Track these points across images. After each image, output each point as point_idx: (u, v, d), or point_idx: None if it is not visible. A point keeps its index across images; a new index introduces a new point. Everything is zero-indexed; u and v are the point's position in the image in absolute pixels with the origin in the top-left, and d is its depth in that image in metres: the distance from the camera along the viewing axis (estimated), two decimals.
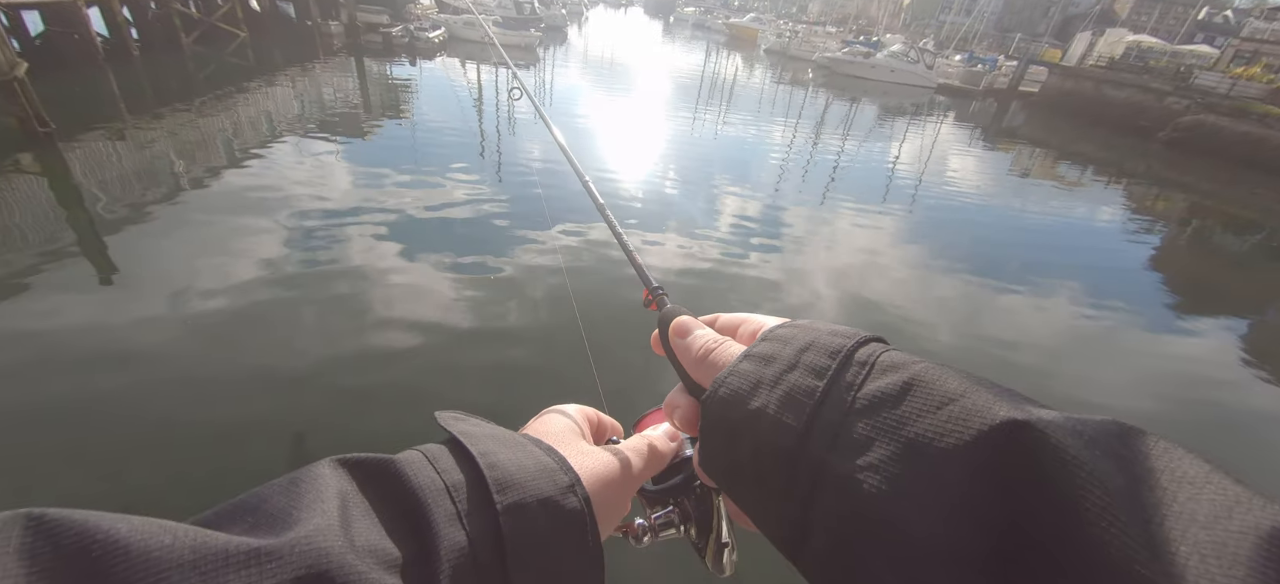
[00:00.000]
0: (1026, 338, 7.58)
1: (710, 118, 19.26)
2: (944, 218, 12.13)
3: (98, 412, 4.64)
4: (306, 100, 14.75)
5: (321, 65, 19.25)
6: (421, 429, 0.65)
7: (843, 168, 15.01)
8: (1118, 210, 14.96)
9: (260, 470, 4.32)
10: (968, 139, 21.92)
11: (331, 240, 7.63)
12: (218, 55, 17.88)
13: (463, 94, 17.77)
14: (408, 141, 12.44)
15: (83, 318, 5.65)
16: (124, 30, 15.60)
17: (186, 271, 6.55)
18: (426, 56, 23.33)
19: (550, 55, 29.33)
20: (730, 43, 52.47)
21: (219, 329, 5.72)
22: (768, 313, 0.56)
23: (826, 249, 9.56)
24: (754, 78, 32.04)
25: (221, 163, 9.84)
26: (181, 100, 12.95)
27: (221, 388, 5.02)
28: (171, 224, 7.64)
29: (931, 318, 7.73)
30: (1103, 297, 9.20)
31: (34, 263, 6.38)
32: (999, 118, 28.97)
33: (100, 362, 5.13)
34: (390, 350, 5.72)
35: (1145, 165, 21.22)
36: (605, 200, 0.87)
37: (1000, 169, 17.64)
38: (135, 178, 8.92)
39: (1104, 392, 6.57)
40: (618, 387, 5.64)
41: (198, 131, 11.22)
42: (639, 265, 0.69)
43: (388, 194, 9.33)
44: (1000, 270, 9.57)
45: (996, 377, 0.36)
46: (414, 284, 6.88)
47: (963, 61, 38.70)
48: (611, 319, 6.78)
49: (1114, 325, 8.39)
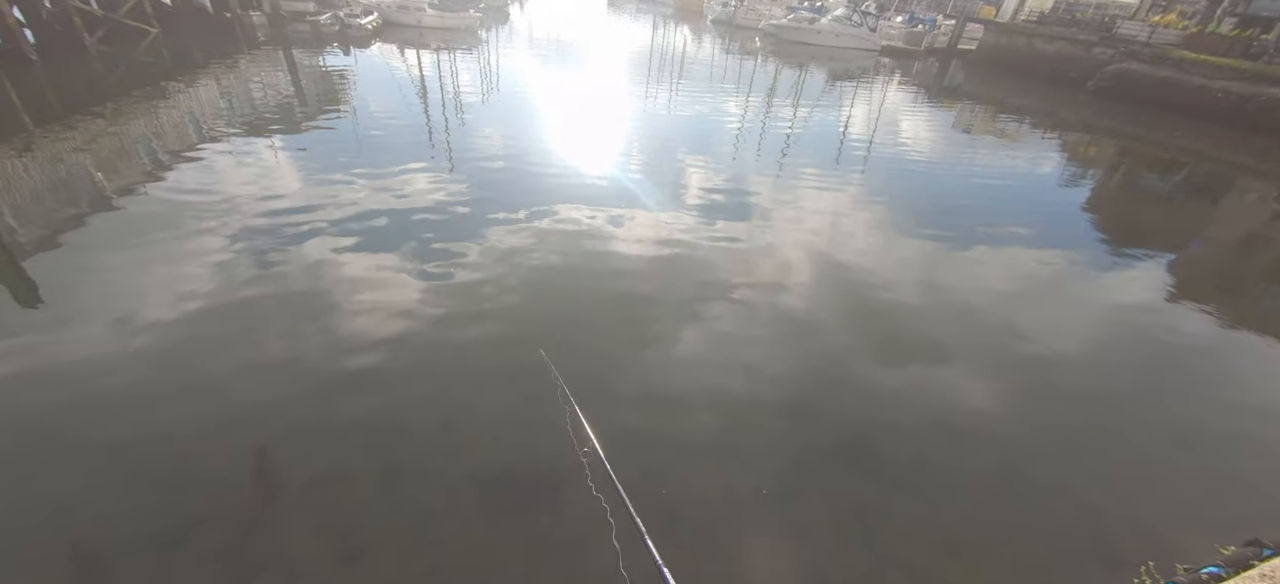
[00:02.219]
0: (985, 289, 7.95)
1: (663, 93, 19.11)
2: (896, 178, 12.49)
3: (34, 440, 4.30)
4: (234, 98, 13.80)
5: (247, 59, 18.00)
6: (388, 437, 0.60)
7: (796, 135, 15.22)
8: (1055, 159, 15.77)
9: (219, 486, 4.12)
10: (913, 99, 22.56)
11: (277, 243, 7.23)
12: (128, 55, 16.47)
13: (404, 82, 16.99)
14: (350, 134, 11.84)
15: (5, 346, 5.18)
16: (16, 32, 14.10)
17: (121, 289, 6.10)
18: (361, 45, 22.14)
19: (493, 37, 28.35)
20: (677, 15, 51.91)
21: (164, 345, 5.36)
22: (741, 281, 0.54)
23: (789, 216, 9.71)
24: (703, 49, 31.89)
25: (148, 171, 9.13)
26: (93, 106, 11.89)
27: (172, 405, 4.72)
28: (98, 241, 7.07)
29: (895, 277, 7.99)
30: (1048, 242, 9.74)
31: None
32: (940, 76, 29.88)
33: (29, 391, 4.73)
34: (359, 353, 5.50)
35: (1076, 115, 22.38)
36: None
37: (945, 126, 18.26)
38: (50, 193, 8.18)
39: (1061, 337, 6.98)
40: (583, 370, 5.62)
41: (116, 139, 10.35)
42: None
43: (333, 190, 8.90)
44: (954, 226, 9.96)
45: (962, 330, 0.35)
46: (369, 281, 6.61)
47: (904, 23, 39.58)
48: (575, 302, 6.72)
49: (1060, 269, 8.90)
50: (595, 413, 5.06)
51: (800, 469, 4.72)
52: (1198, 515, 4.68)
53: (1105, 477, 4.98)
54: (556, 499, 4.20)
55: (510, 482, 4.33)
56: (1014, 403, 5.76)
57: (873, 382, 5.84)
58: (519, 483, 4.32)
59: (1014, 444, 5.23)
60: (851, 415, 5.35)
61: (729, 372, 5.72)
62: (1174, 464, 5.24)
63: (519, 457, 4.55)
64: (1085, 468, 5.05)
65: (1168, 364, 6.81)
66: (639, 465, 4.55)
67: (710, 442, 4.88)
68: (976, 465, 4.96)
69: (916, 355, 6.32)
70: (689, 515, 4.21)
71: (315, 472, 4.27)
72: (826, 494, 4.52)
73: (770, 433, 5.05)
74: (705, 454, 4.75)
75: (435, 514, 4.04)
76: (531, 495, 4.24)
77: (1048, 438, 5.37)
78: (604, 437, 3.61)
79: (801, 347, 6.28)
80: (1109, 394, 6.10)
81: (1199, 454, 5.37)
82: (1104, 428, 5.59)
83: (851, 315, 6.96)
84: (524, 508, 4.15)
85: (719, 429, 5.01)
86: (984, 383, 5.99)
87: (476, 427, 4.81)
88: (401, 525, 3.94)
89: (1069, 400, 5.92)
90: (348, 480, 4.23)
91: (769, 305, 6.96)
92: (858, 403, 5.52)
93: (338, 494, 4.12)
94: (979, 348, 6.60)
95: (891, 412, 5.43)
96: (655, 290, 7.04)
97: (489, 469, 4.41)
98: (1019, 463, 5.02)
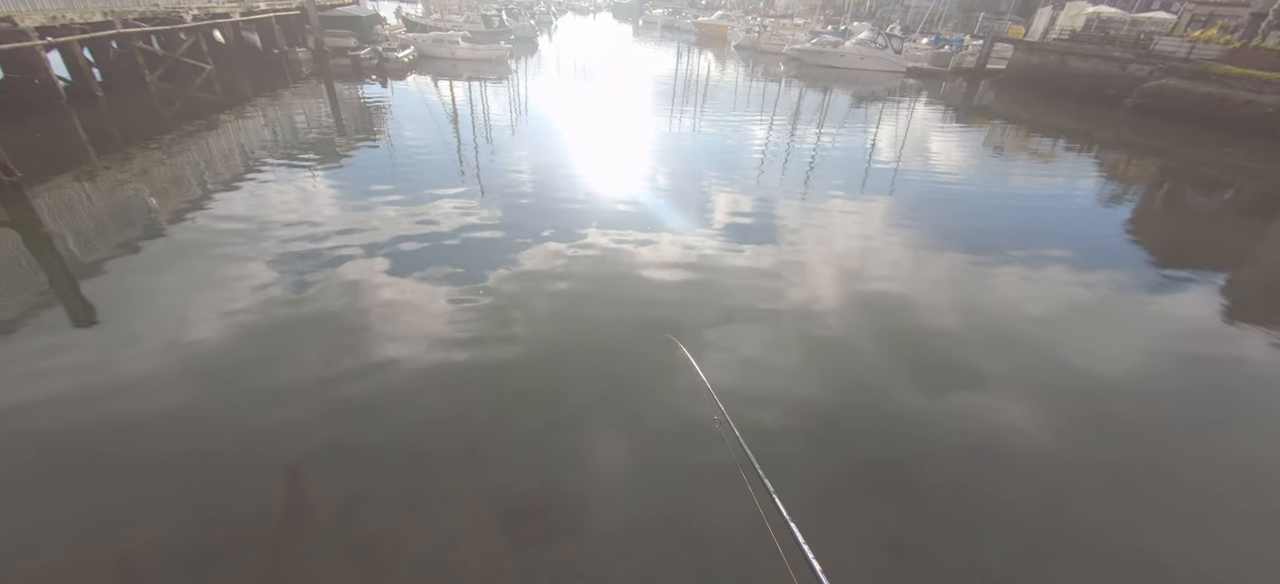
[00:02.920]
0: (1024, 312, 7.67)
1: (687, 117, 19.33)
2: (927, 199, 12.28)
3: (87, 454, 4.50)
4: (279, 128, 14.52)
5: (292, 92, 18.98)
6: (415, 459, 0.59)
7: (821, 157, 15.15)
8: (1092, 178, 15.28)
9: (254, 505, 4.21)
10: (941, 119, 22.26)
11: (315, 267, 7.50)
12: (184, 91, 17.54)
13: (437, 111, 17.62)
14: (385, 162, 12.30)
15: (62, 365, 5.47)
16: (86, 72, 15.22)
17: (170, 310, 6.40)
18: (397, 77, 23.11)
19: (522, 66, 29.24)
20: (701, 41, 52.75)
21: (207, 365, 5.58)
22: (768, 305, 0.54)
23: (816, 238, 9.61)
24: (727, 74, 32.22)
25: (197, 198, 9.63)
26: (151, 138, 12.68)
27: (213, 424, 4.89)
28: (150, 264, 7.46)
29: (929, 300, 7.80)
30: (1090, 264, 9.37)
31: (9, 312, 6.18)
32: (969, 96, 29.47)
33: (83, 409, 4.97)
34: (389, 375, 5.62)
35: (1114, 132, 21.71)
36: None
37: (975, 146, 17.93)
38: (110, 220, 8.70)
39: (1107, 361, 6.67)
40: (608, 395, 5.62)
41: (170, 169, 10.98)
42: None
43: (369, 216, 9.21)
44: (988, 247, 9.70)
45: (1001, 355, 0.34)
46: (403, 304, 6.78)
47: (930, 44, 39.33)
48: (602, 326, 6.75)
49: (1104, 292, 8.53)
50: (620, 439, 5.06)
51: (830, 499, 4.58)
52: (1263, 562, 4.35)
53: (1159, 516, 4.68)
54: (579, 527, 4.17)
55: (534, 507, 4.32)
56: (1058, 433, 5.49)
57: (907, 408, 5.65)
58: (542, 510, 4.31)
59: (1059, 478, 4.98)
60: (884, 443, 5.18)
61: (756, 396, 5.64)
62: (1236, 505, 4.89)
63: (542, 483, 4.54)
64: (1137, 506, 4.76)
65: (1227, 394, 6.42)
66: (664, 491, 4.50)
67: (738, 472, 4.79)
68: (1018, 499, 4.73)
69: (953, 381, 6.11)
70: (714, 542, 4.12)
71: (345, 491, 4.35)
72: (858, 525, 4.37)
73: (799, 460, 4.93)
74: (733, 486, 4.65)
75: (459, 538, 4.05)
76: (555, 523, 4.21)
77: (1096, 472, 5.09)
78: (630, 463, 3.58)
79: (831, 371, 6.15)
80: (1162, 425, 5.77)
81: (1264, 494, 5.01)
82: (1157, 463, 5.28)
83: (883, 338, 6.79)
84: (547, 535, 4.12)
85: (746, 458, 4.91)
86: (1026, 411, 5.74)
87: (501, 451, 4.83)
88: (427, 549, 3.96)
89: (1118, 432, 5.61)
90: (375, 501, 4.29)
91: (797, 328, 6.86)
92: (891, 430, 5.35)
93: (366, 515, 4.18)
94: (1019, 374, 6.34)
95: (927, 440, 5.25)
96: (682, 314, 7.02)
97: (511, 493, 4.42)
98: (1065, 498, 4.77)
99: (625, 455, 4.85)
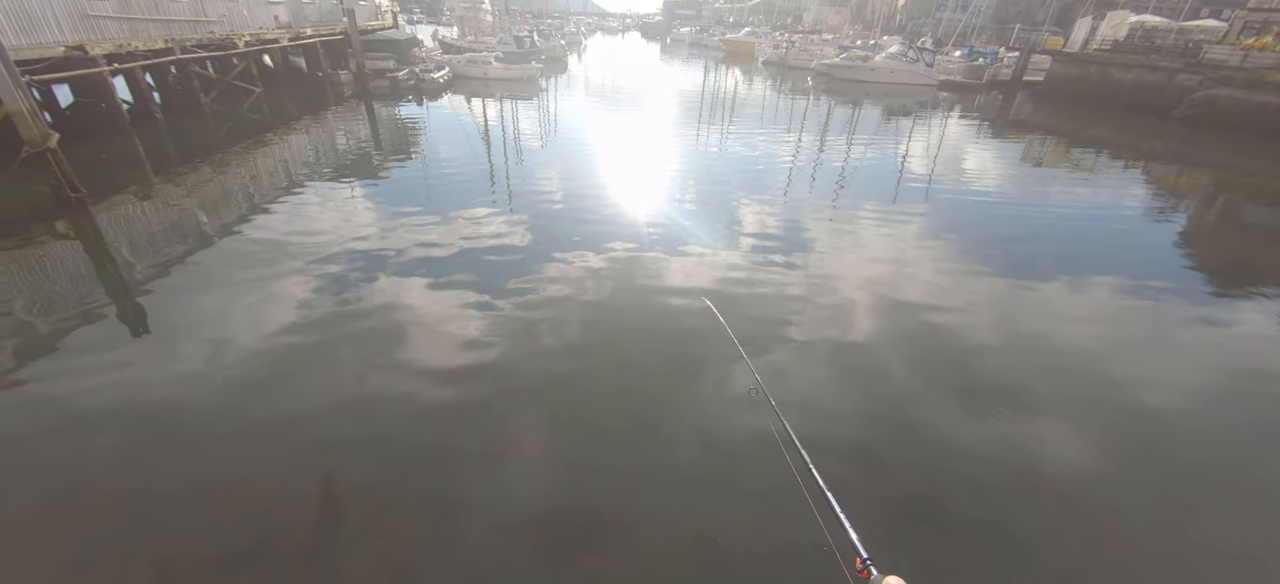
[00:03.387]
0: (1070, 332, 7.31)
1: (715, 132, 19.37)
2: (962, 214, 11.94)
3: (130, 463, 4.69)
4: (321, 147, 15.14)
5: (334, 112, 19.81)
6: (444, 470, 0.57)
7: (851, 172, 14.93)
8: (1141, 192, 14.63)
9: (289, 511, 4.31)
10: (975, 132, 21.71)
11: (351, 280, 7.73)
12: (235, 112, 18.49)
13: (470, 129, 18.12)
14: (420, 178, 12.67)
15: (115, 373, 5.75)
16: (147, 95, 16.22)
17: (215, 322, 6.68)
18: (433, 96, 23.89)
19: (552, 85, 29.86)
20: (728, 58, 53.03)
21: (247, 377, 5.78)
22: (797, 321, 0.52)
23: (846, 254, 9.44)
24: (754, 90, 32.24)
25: (243, 214, 10.09)
26: (203, 157, 13.39)
27: (252, 431, 5.05)
28: (198, 277, 7.82)
29: (968, 318, 7.53)
30: (1140, 283, 8.92)
31: (68, 323, 6.56)
32: (1006, 109, 28.70)
33: (131, 415, 5.20)
34: (421, 387, 5.72)
35: (1162, 144, 20.79)
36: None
37: (1013, 160, 17.40)
38: (163, 234, 9.18)
39: (1162, 388, 6.29)
40: (657, 395, 5.58)
41: (219, 185, 11.55)
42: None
43: (404, 230, 9.47)
44: (1030, 263, 9.35)
45: (1047, 377, 0.31)
46: (434, 317, 6.91)
47: (963, 57, 38.59)
48: (630, 340, 6.74)
49: (1156, 313, 8.08)
50: (650, 454, 5.01)
51: (863, 525, 4.41)
52: None
53: (1226, 558, 4.35)
54: (606, 543, 4.13)
55: (562, 522, 4.30)
56: (1112, 462, 5.19)
57: (945, 431, 5.42)
58: (571, 524, 4.28)
59: (1113, 510, 4.68)
60: (921, 468, 4.98)
61: (786, 416, 5.50)
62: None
63: (570, 497, 4.52)
64: (1200, 546, 4.43)
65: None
66: (692, 514, 4.43)
67: (765, 494, 4.68)
68: (1066, 532, 4.46)
69: (995, 404, 5.85)
70: (741, 571, 4.02)
71: (377, 501, 4.41)
72: (893, 554, 4.20)
73: (832, 487, 4.76)
74: (759, 507, 4.55)
75: (487, 551, 4.06)
76: (584, 538, 4.18)
77: (1154, 506, 4.77)
78: (660, 481, 3.54)
79: (864, 390, 5.97)
80: (1229, 457, 5.38)
81: None
82: (1224, 497, 4.91)
83: (918, 358, 6.57)
84: (575, 551, 4.09)
85: (774, 481, 4.80)
86: (1075, 437, 5.45)
87: (529, 463, 4.84)
88: (454, 563, 3.98)
89: (1179, 463, 5.27)
90: (405, 511, 4.34)
91: (828, 346, 6.71)
92: (928, 454, 5.13)
93: (395, 525, 4.23)
94: (1067, 397, 6.03)
95: (967, 466, 5.02)
96: (710, 328, 6.96)
97: (539, 507, 4.41)
98: (1119, 533, 4.48)
99: (657, 470, 4.80)
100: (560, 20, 64.25)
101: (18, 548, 3.98)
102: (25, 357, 5.95)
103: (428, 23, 63.65)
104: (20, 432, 4.99)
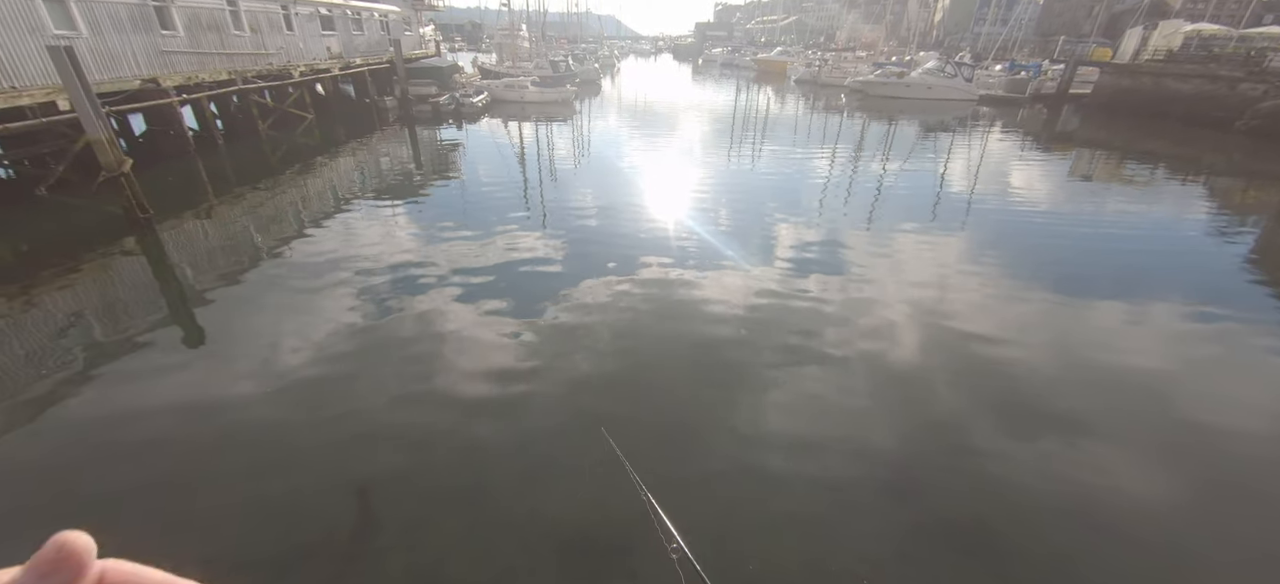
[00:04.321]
0: (1133, 356, 6.89)
1: (747, 151, 19.35)
2: (1007, 231, 11.52)
3: (185, 467, 4.94)
4: (366, 169, 15.85)
5: (379, 136, 20.75)
6: (476, 485, 0.57)
7: (887, 189, 14.63)
8: (1203, 207, 13.80)
9: (327, 520, 4.43)
10: (1019, 148, 20.98)
11: (391, 297, 8.00)
12: (289, 137, 19.59)
13: (506, 150, 18.65)
14: (458, 198, 13.09)
15: (174, 381, 6.09)
16: (211, 123, 17.40)
17: (267, 334, 7.01)
18: (471, 120, 24.75)
19: (586, 107, 30.51)
20: (760, 78, 53.12)
21: (293, 386, 6.02)
22: (835, 342, 0.51)
23: (884, 272, 9.21)
24: (786, 109, 32.12)
25: (295, 232, 10.63)
26: (258, 180, 14.20)
27: (294, 441, 5.24)
28: (253, 292, 8.24)
29: (1018, 340, 7.17)
30: (1207, 303, 8.36)
31: (134, 333, 7.01)
32: (1051, 123, 27.66)
33: (187, 421, 5.49)
34: (456, 402, 5.84)
35: (1226, 157, 19.62)
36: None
37: (1060, 175, 16.71)
38: (221, 252, 9.75)
39: (1239, 414, 5.85)
40: (667, 432, 5.54)
41: (273, 207, 12.21)
42: None
43: (443, 249, 9.77)
44: (1084, 283, 8.90)
45: (1107, 403, 0.30)
46: (468, 334, 7.06)
47: (1004, 71, 37.57)
48: (664, 358, 6.72)
49: (1226, 335, 7.55)
50: (681, 477, 4.95)
51: (906, 555, 4.24)
52: None
53: None
54: (630, 565, 4.08)
55: (587, 547, 4.27)
56: (1185, 497, 4.80)
57: (995, 460, 5.14)
58: (595, 549, 4.24)
59: (1189, 552, 4.32)
60: (969, 499, 4.73)
61: (825, 443, 5.34)
62: None
63: (599, 519, 4.50)
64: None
65: None
66: (728, 552, 4.34)
67: (803, 522, 4.54)
68: (1133, 574, 4.16)
69: (1049, 431, 5.53)
70: None
71: (409, 513, 4.49)
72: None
73: (870, 511, 4.59)
74: (798, 536, 4.41)
75: (514, 571, 4.07)
76: (606, 565, 4.13)
77: (1234, 548, 4.38)
78: (688, 510, 3.49)
79: (908, 416, 5.74)
80: None
81: None
82: None
83: (963, 381, 6.30)
84: (601, 573, 4.06)
85: (813, 508, 4.66)
86: (1141, 469, 5.08)
87: (558, 483, 4.84)
88: (483, 578, 4.00)
89: (1262, 501, 4.84)
90: (435, 527, 4.39)
91: (869, 368, 6.51)
92: (977, 484, 4.88)
93: (426, 540, 4.28)
94: (1130, 426, 5.65)
95: (1020, 497, 4.74)
96: (745, 349, 6.88)
97: (567, 527, 4.40)
98: (1197, 578, 4.15)
99: (688, 497, 4.74)
100: (594, 45, 65.86)
101: None
102: (93, 364, 6.37)
103: (468, 50, 66.21)
104: (80, 433, 5.33)
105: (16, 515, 4.44)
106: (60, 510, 4.50)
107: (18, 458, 5.06)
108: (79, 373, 6.19)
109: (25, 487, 4.76)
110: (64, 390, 5.90)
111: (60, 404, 5.70)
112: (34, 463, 5.00)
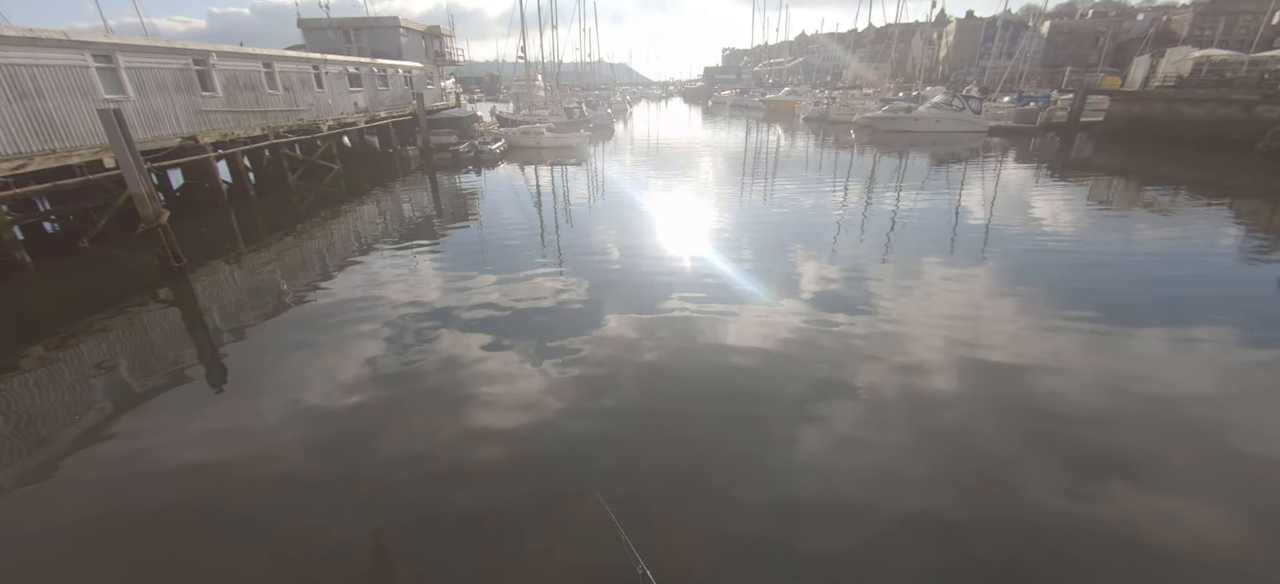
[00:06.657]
0: (1180, 386, 6.59)
1: (758, 188, 19.57)
2: (1029, 260, 11.36)
3: (199, 514, 4.96)
4: (388, 215, 16.34)
5: (401, 184, 21.46)
6: (492, 531, 0.57)
7: (901, 221, 14.61)
8: (1232, 231, 13.51)
9: (343, 563, 4.39)
10: (1034, 177, 20.92)
11: (411, 341, 8.11)
12: (317, 186, 20.35)
13: (523, 194, 19.12)
14: (477, 242, 13.38)
15: (198, 427, 6.18)
16: (244, 175, 18.19)
17: (289, 378, 7.13)
18: (490, 166, 25.51)
19: (599, 151, 31.29)
20: (769, 117, 54.12)
21: (316, 430, 6.08)
22: (860, 378, 0.52)
23: (906, 306, 9.09)
24: (796, 146, 32.57)
25: (320, 277, 10.92)
26: (287, 229, 14.70)
27: (313, 484, 5.25)
28: (278, 337, 8.44)
29: (1056, 372, 6.91)
30: (1253, 328, 8.07)
31: (161, 379, 7.19)
32: (1064, 151, 27.60)
33: (211, 465, 5.54)
34: (465, 445, 5.83)
35: (1248, 179, 19.31)
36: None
37: (1079, 202, 16.57)
38: (248, 299, 10.03)
39: None
40: (691, 472, 5.44)
41: (299, 254, 12.60)
42: None
43: (462, 293, 9.93)
44: (1117, 310, 8.67)
45: (1157, 438, 0.30)
46: (487, 376, 7.10)
47: (1012, 102, 37.83)
48: (687, 398, 6.67)
49: (1277, 363, 7.25)
50: (705, 517, 4.83)
51: None
52: None
53: None
54: None
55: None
56: (1254, 540, 4.50)
57: (1038, 500, 4.88)
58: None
59: None
60: (1009, 543, 4.49)
61: (855, 483, 5.14)
62: None
63: (615, 564, 4.38)
64: None
65: None
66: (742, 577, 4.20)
67: (834, 567, 4.38)
68: None
69: (1095, 469, 5.26)
70: None
71: (425, 557, 4.42)
72: None
73: (905, 557, 4.38)
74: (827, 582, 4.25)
75: None
76: None
77: None
78: (708, 549, 3.40)
79: (939, 454, 5.52)
80: None
81: None
82: None
83: (999, 419, 6.06)
84: None
85: (843, 552, 4.48)
86: (1200, 509, 4.79)
87: (575, 526, 4.71)
88: None
89: None
90: (454, 572, 4.31)
91: (897, 404, 6.33)
92: (1017, 528, 4.62)
93: (443, 580, 4.22)
94: (1186, 462, 5.35)
95: (1066, 543, 4.46)
96: (768, 387, 6.77)
97: (585, 575, 4.28)
98: None
99: (709, 541, 4.62)
100: (606, 91, 68.00)
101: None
102: (123, 407, 6.53)
103: (487, 101, 68.79)
104: (108, 477, 5.41)
105: (44, 565, 4.49)
106: (90, 553, 4.53)
107: (43, 509, 5.14)
108: (104, 419, 6.33)
109: (53, 542, 4.82)
110: (95, 432, 6.04)
111: (90, 448, 5.83)
112: (63, 509, 5.07)
